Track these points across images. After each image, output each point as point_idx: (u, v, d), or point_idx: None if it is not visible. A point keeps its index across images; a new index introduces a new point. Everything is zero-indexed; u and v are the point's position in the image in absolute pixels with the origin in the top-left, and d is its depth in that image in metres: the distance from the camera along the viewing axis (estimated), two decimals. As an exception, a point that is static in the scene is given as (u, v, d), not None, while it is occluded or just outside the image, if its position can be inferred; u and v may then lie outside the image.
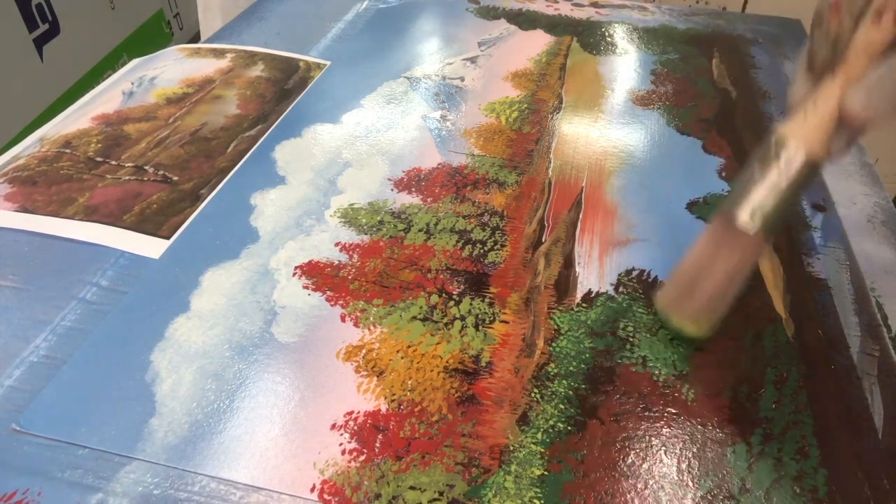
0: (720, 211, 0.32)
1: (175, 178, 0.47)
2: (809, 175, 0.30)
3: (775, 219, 0.30)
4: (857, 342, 0.37)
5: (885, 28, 0.27)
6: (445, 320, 0.37)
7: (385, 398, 0.33)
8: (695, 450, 0.31)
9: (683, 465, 0.31)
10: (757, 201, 0.30)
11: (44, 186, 0.46)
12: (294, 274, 0.40)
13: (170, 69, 0.61)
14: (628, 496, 0.30)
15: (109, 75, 0.61)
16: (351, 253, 0.42)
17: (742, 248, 0.32)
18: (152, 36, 1.43)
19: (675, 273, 0.36)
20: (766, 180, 0.30)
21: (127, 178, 0.47)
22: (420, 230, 0.43)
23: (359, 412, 0.32)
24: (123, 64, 1.18)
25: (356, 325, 0.37)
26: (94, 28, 1.25)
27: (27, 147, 0.51)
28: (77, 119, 0.54)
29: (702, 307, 0.33)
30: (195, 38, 0.78)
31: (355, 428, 0.32)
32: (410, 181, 0.48)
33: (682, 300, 0.34)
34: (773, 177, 0.30)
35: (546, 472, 0.30)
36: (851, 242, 0.43)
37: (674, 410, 0.33)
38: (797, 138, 0.30)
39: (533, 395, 0.33)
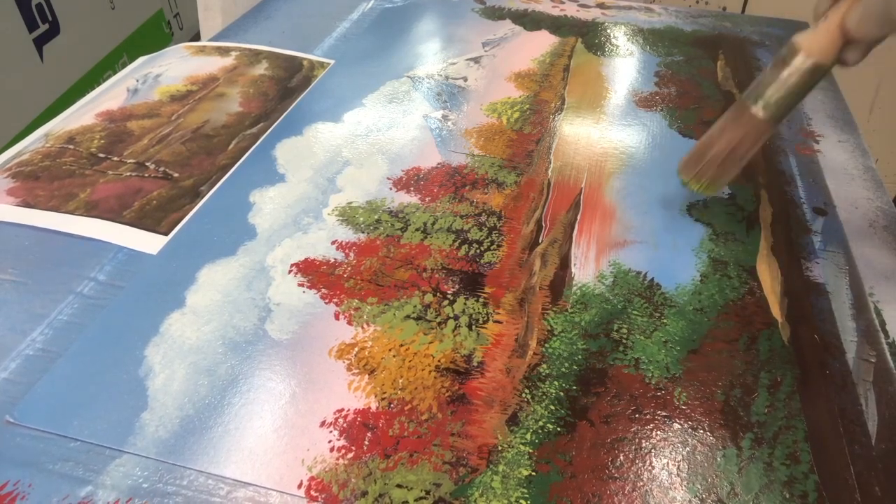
0: (739, 99, 0.41)
1: (175, 175, 0.47)
2: (813, 77, 0.37)
3: (779, 109, 0.39)
4: (853, 347, 0.36)
5: None
6: (439, 319, 0.37)
7: (375, 396, 0.33)
8: (684, 453, 0.31)
9: (673, 468, 0.31)
10: (766, 93, 0.39)
11: (46, 181, 0.46)
12: (290, 271, 0.40)
13: (174, 67, 0.61)
14: (615, 498, 0.29)
15: (109, 75, 0.61)
16: (347, 251, 0.42)
17: (746, 127, 0.40)
18: (152, 36, 1.44)
19: (695, 144, 0.44)
20: (778, 78, 0.38)
21: (128, 174, 0.47)
22: (417, 229, 0.43)
23: (349, 410, 0.32)
24: (124, 64, 1.19)
25: (350, 323, 0.37)
26: (94, 28, 1.25)
27: (32, 142, 0.51)
28: (82, 115, 0.54)
29: (704, 169, 0.42)
30: (195, 38, 0.79)
31: (345, 425, 0.32)
32: (409, 180, 0.48)
33: (692, 163, 0.43)
34: (783, 75, 0.38)
35: (534, 473, 0.30)
36: (852, 247, 0.43)
37: (665, 413, 0.33)
38: (807, 45, 0.37)
39: (524, 395, 0.33)
